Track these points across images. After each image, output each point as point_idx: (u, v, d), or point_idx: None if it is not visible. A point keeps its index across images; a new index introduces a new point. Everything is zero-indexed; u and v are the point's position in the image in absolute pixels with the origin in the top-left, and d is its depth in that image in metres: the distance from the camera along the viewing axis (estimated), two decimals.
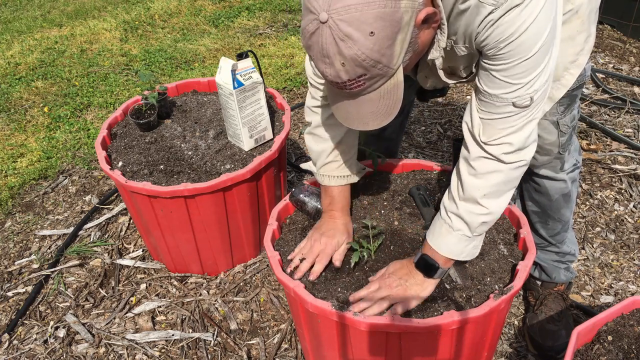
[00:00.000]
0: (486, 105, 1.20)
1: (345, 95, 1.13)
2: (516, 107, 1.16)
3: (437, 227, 1.37)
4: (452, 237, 1.33)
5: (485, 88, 1.18)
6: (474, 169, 1.26)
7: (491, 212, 1.29)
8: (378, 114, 1.13)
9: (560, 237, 1.81)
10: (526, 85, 1.13)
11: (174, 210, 1.93)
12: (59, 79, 3.76)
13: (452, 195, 1.33)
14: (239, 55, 1.91)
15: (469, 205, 1.29)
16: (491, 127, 1.21)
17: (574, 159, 1.67)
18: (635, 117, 2.95)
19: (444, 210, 1.35)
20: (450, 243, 1.33)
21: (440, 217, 1.36)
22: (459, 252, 1.34)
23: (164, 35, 4.40)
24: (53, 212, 2.62)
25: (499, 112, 1.19)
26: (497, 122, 1.20)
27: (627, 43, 3.68)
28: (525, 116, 1.19)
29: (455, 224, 1.32)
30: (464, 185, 1.28)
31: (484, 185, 1.26)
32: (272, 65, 3.73)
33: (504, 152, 1.22)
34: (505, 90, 1.15)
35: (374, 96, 1.10)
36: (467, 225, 1.31)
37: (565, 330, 1.80)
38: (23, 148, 3.05)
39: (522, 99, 1.15)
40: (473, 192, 1.27)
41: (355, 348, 1.40)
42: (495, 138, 1.21)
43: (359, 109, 1.13)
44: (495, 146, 1.22)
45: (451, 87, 3.39)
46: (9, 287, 2.23)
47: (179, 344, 1.95)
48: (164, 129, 2.17)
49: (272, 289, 2.14)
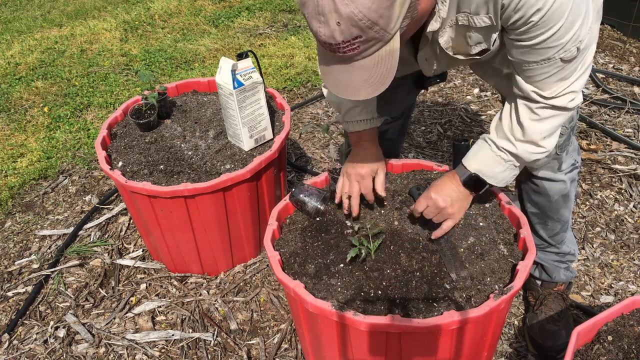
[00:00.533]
0: (533, 71, 1.21)
1: (337, 60, 1.08)
2: (564, 61, 1.18)
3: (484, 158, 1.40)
4: (501, 166, 1.39)
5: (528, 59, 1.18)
6: (538, 115, 1.29)
7: (548, 149, 1.35)
8: (371, 82, 1.10)
9: (559, 238, 1.81)
10: (570, 40, 1.14)
11: (174, 210, 1.93)
12: (59, 79, 3.76)
13: (506, 135, 1.36)
14: (239, 55, 1.91)
15: (529, 146, 1.34)
16: (549, 84, 1.23)
17: (573, 159, 1.67)
18: (635, 117, 2.95)
19: (494, 145, 1.38)
20: (498, 171, 1.40)
21: (489, 150, 1.39)
22: (502, 178, 1.41)
23: (164, 35, 4.40)
24: (53, 212, 2.62)
25: (550, 71, 1.20)
26: (554, 76, 1.22)
27: (627, 43, 3.68)
28: (578, 63, 1.21)
29: (508, 157, 1.37)
30: (525, 129, 1.31)
31: (547, 128, 1.30)
32: (272, 65, 3.73)
33: (570, 100, 1.26)
34: (551, 53, 1.16)
35: (368, 62, 1.06)
36: (521, 160, 1.37)
37: (565, 330, 1.80)
38: (23, 148, 3.05)
39: (569, 52, 1.16)
40: (535, 135, 1.31)
41: (355, 348, 1.40)
42: (559, 91, 1.24)
43: (351, 76, 1.09)
44: (561, 97, 1.25)
45: (453, 73, 3.40)
46: (9, 287, 2.23)
47: (179, 344, 1.95)
48: (164, 129, 2.17)
49: (272, 289, 2.14)
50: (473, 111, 3.16)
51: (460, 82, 3.45)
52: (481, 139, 1.43)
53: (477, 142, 1.45)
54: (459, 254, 1.48)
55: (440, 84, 1.59)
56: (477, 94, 3.32)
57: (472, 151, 1.45)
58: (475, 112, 3.14)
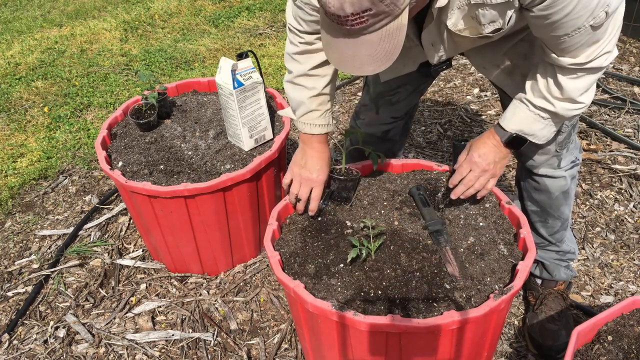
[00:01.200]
0: (565, 43, 1.21)
1: (344, 33, 1.07)
2: (594, 27, 1.18)
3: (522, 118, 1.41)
4: (540, 124, 1.40)
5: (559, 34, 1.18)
6: (575, 74, 1.29)
7: (586, 104, 1.36)
8: (376, 57, 1.08)
9: (559, 236, 1.81)
10: (598, 5, 1.13)
11: (174, 210, 1.93)
12: (59, 79, 3.76)
13: (542, 94, 1.36)
14: (239, 55, 1.91)
15: (567, 104, 1.34)
16: (583, 50, 1.23)
17: (573, 156, 1.67)
18: (635, 117, 2.95)
19: (532, 105, 1.39)
20: (538, 128, 1.41)
21: (527, 110, 1.40)
22: (542, 135, 1.43)
23: (164, 35, 4.40)
24: (53, 212, 2.62)
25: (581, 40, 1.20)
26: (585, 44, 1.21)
27: (627, 43, 3.68)
28: (609, 26, 1.21)
29: (546, 116, 1.38)
30: (563, 88, 1.32)
31: (584, 85, 1.31)
32: (272, 65, 3.73)
33: (607, 60, 1.27)
34: (579, 23, 1.15)
35: (374, 37, 1.05)
36: (559, 117, 1.38)
37: (565, 329, 1.80)
38: (23, 148, 3.05)
39: (598, 18, 1.16)
40: (573, 93, 1.32)
41: (355, 348, 1.40)
42: (595, 55, 1.24)
43: (357, 50, 1.08)
44: (597, 60, 1.26)
45: (453, 73, 3.40)
46: (9, 287, 2.23)
47: (179, 344, 1.95)
48: (164, 129, 2.17)
49: (272, 289, 2.14)
50: (473, 111, 3.16)
51: (460, 82, 3.45)
52: (516, 99, 1.44)
53: (512, 103, 1.45)
54: (459, 254, 1.48)
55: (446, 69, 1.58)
56: (477, 94, 3.32)
57: (508, 111, 1.45)
58: (475, 112, 3.15)
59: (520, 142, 1.46)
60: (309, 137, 1.59)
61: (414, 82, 1.78)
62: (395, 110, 1.86)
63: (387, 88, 1.79)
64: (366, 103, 1.87)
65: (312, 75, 1.52)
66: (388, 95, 1.80)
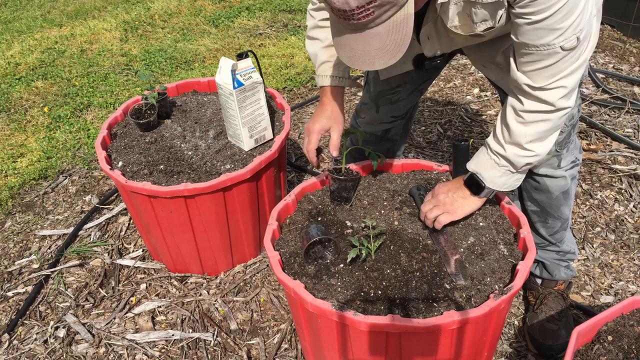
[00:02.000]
0: (531, 56, 1.20)
1: (350, 29, 1.07)
2: (564, 50, 1.16)
3: (481, 161, 1.42)
4: (496, 171, 1.40)
5: (528, 41, 1.17)
6: (523, 118, 1.29)
7: (537, 154, 1.35)
8: (385, 50, 1.07)
9: (559, 236, 1.81)
10: (571, 26, 1.13)
11: (174, 210, 1.93)
12: (59, 79, 3.76)
13: (497, 138, 1.37)
14: (239, 55, 1.91)
15: (515, 149, 1.34)
16: (543, 75, 1.22)
17: (574, 156, 1.67)
18: (635, 117, 2.95)
19: (489, 150, 1.40)
20: (495, 176, 1.41)
21: (486, 153, 1.41)
22: (501, 183, 1.42)
23: (164, 35, 4.40)
24: (53, 212, 2.62)
25: (547, 60, 1.19)
26: (548, 69, 1.20)
27: (627, 43, 3.68)
28: (575, 57, 1.19)
29: (501, 162, 1.38)
30: (510, 131, 1.32)
31: (531, 132, 1.31)
32: (272, 65, 3.73)
33: (560, 97, 1.24)
34: (551, 37, 1.15)
35: (382, 29, 1.05)
36: (512, 164, 1.37)
37: (565, 329, 1.80)
38: (23, 148, 3.05)
39: (570, 41, 1.15)
40: (519, 138, 1.32)
41: (355, 348, 1.40)
42: (549, 82, 1.22)
43: (366, 44, 1.07)
44: (550, 91, 1.24)
45: (452, 73, 3.40)
46: (9, 287, 2.23)
47: (179, 344, 1.95)
48: (164, 129, 2.17)
49: (272, 289, 2.14)
50: (473, 111, 3.16)
51: (460, 82, 3.45)
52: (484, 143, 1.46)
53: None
54: (459, 254, 1.48)
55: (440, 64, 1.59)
56: (477, 94, 3.32)
57: (476, 153, 1.48)
58: (475, 112, 3.15)
59: (478, 185, 1.44)
60: (322, 91, 1.64)
61: (414, 81, 1.78)
62: (396, 110, 1.87)
63: (387, 87, 1.79)
64: (366, 102, 1.88)
65: (323, 26, 1.55)
66: (388, 94, 1.81)
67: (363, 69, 1.13)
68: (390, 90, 1.79)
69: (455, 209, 1.47)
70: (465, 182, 1.47)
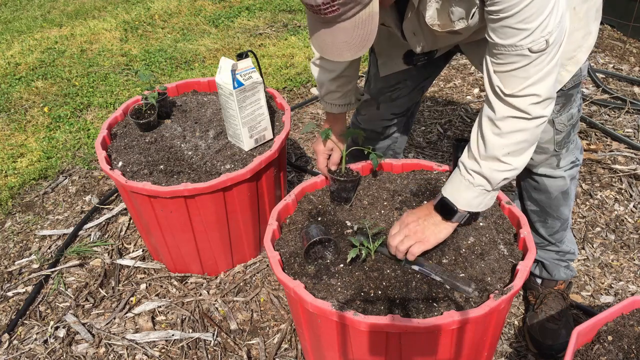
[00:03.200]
0: (502, 57, 1.20)
1: (321, 22, 1.13)
2: (533, 52, 1.16)
3: (455, 183, 1.38)
4: (471, 192, 1.36)
5: (498, 40, 1.18)
6: (499, 128, 1.27)
7: (514, 167, 1.32)
8: (352, 44, 1.14)
9: (559, 236, 1.81)
10: (539, 28, 1.13)
11: (174, 210, 1.93)
12: (59, 79, 3.76)
13: (472, 154, 1.34)
14: (239, 55, 1.91)
15: (492, 163, 1.31)
16: (513, 79, 1.21)
17: (574, 156, 1.67)
18: (635, 117, 2.95)
19: (464, 168, 1.36)
20: (470, 197, 1.37)
21: (460, 174, 1.37)
22: (477, 204, 1.38)
23: (164, 35, 4.40)
24: (53, 212, 2.62)
25: (517, 62, 1.19)
26: (517, 72, 1.20)
27: (627, 43, 3.68)
28: (545, 61, 1.18)
29: (476, 181, 1.34)
30: (486, 144, 1.30)
31: (508, 143, 1.28)
32: (272, 65, 3.73)
33: (531, 103, 1.22)
34: (518, 38, 1.15)
35: (348, 25, 1.11)
36: (488, 182, 1.34)
37: (565, 329, 1.80)
38: (23, 148, 3.05)
39: (538, 43, 1.15)
40: (495, 151, 1.29)
41: (355, 348, 1.40)
42: (520, 89, 1.21)
43: (334, 38, 1.14)
44: (522, 98, 1.22)
45: (453, 73, 3.40)
46: (9, 287, 2.23)
47: (179, 344, 1.95)
48: (164, 129, 2.17)
49: (272, 289, 2.14)
50: (473, 111, 3.16)
51: (460, 82, 3.45)
52: (458, 163, 1.41)
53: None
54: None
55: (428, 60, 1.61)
56: (477, 94, 3.32)
57: (449, 178, 1.42)
58: (475, 112, 3.15)
59: (449, 209, 1.39)
60: (328, 114, 1.75)
61: (414, 78, 1.78)
62: (396, 107, 1.87)
63: (387, 84, 1.80)
64: (367, 99, 1.88)
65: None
66: (388, 91, 1.81)
67: (332, 59, 1.20)
68: (390, 87, 1.80)
69: (427, 237, 1.40)
70: (436, 207, 1.41)
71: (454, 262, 1.47)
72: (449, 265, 1.46)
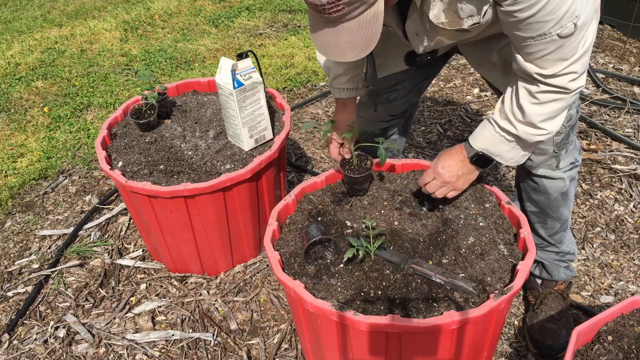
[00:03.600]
0: (530, 47, 1.22)
1: (325, 22, 1.12)
2: (562, 37, 1.18)
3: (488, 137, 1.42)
4: (506, 145, 1.41)
5: (523, 34, 1.19)
6: (537, 99, 1.31)
7: (549, 132, 1.37)
8: (355, 44, 1.13)
9: (559, 237, 1.81)
10: (566, 15, 1.14)
11: (174, 210, 1.93)
12: (59, 79, 3.76)
13: (507, 117, 1.37)
14: (239, 55, 1.91)
15: (528, 128, 1.35)
16: (549, 62, 1.23)
17: (573, 157, 1.67)
18: (635, 117, 2.95)
19: (496, 127, 1.40)
20: (504, 150, 1.42)
21: (493, 130, 1.41)
22: (509, 158, 1.44)
23: (164, 35, 4.40)
24: (53, 212, 2.62)
25: (547, 48, 1.20)
26: (553, 54, 1.22)
27: (627, 43, 3.68)
28: (576, 42, 1.20)
29: (510, 138, 1.39)
30: (524, 112, 1.33)
31: (546, 112, 1.32)
32: (272, 65, 3.73)
33: (570, 80, 1.26)
34: (546, 28, 1.16)
35: (353, 25, 1.10)
36: (522, 142, 1.40)
37: (565, 329, 1.80)
38: (23, 148, 3.05)
39: (566, 28, 1.16)
40: (534, 118, 1.33)
41: (355, 348, 1.40)
42: (559, 70, 1.24)
43: (338, 38, 1.13)
44: (562, 77, 1.26)
45: (453, 73, 3.40)
46: (9, 287, 2.23)
47: (179, 344, 1.95)
48: (164, 129, 2.17)
49: (272, 289, 2.14)
50: (473, 111, 3.16)
51: (460, 82, 3.45)
52: (486, 119, 1.46)
53: (483, 121, 1.47)
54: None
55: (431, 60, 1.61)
56: (477, 94, 3.32)
57: (477, 129, 1.47)
58: (475, 112, 3.15)
59: (487, 161, 1.47)
60: (338, 101, 1.73)
61: (412, 80, 1.78)
62: (393, 108, 1.87)
63: (384, 85, 1.79)
64: (364, 100, 1.88)
65: None
66: (385, 92, 1.81)
67: (335, 59, 1.19)
68: (388, 88, 1.80)
69: (462, 186, 1.52)
70: (472, 159, 1.48)
71: (454, 262, 1.47)
72: (449, 265, 1.46)
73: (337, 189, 1.75)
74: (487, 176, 2.64)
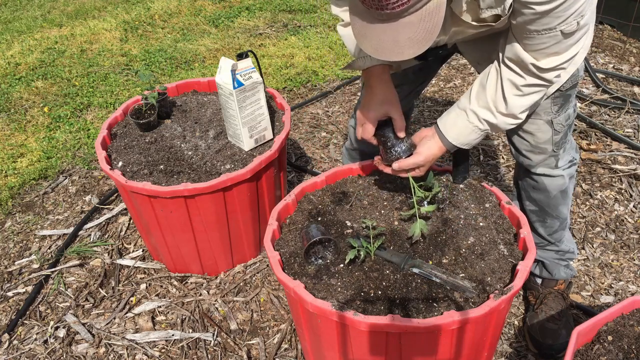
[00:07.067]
0: (533, 39, 1.23)
1: (382, 19, 1.06)
2: (564, 33, 1.20)
3: (461, 127, 1.44)
4: (475, 134, 1.45)
5: (531, 27, 1.20)
6: (521, 91, 1.34)
7: (522, 119, 1.42)
8: (415, 39, 1.07)
9: (558, 236, 1.81)
10: (574, 13, 1.16)
11: (174, 210, 1.93)
12: (59, 79, 3.76)
13: (488, 106, 1.39)
14: (239, 55, 1.91)
15: (508, 118, 1.40)
16: (545, 55, 1.26)
17: (570, 155, 1.67)
18: (635, 117, 2.95)
19: (474, 115, 1.41)
20: (472, 139, 1.46)
21: (467, 120, 1.43)
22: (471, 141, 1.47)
23: (164, 35, 4.40)
24: (53, 212, 2.62)
25: (547, 42, 1.23)
26: (549, 49, 1.24)
27: (627, 43, 3.68)
28: (575, 38, 1.23)
29: (484, 127, 1.43)
30: (508, 104, 1.36)
31: (527, 103, 1.36)
32: (272, 65, 3.73)
33: (557, 76, 1.31)
34: (554, 24, 1.18)
35: (414, 18, 1.04)
36: (495, 129, 1.44)
37: (565, 329, 1.80)
38: (23, 148, 3.05)
39: (570, 25, 1.18)
40: (515, 109, 1.37)
41: (355, 348, 1.40)
42: (553, 65, 1.27)
43: (397, 34, 1.07)
44: (552, 72, 1.29)
45: (452, 73, 3.40)
46: (9, 287, 2.23)
47: (179, 344, 1.95)
48: (164, 129, 2.17)
49: (272, 289, 2.14)
50: None
51: (460, 82, 3.45)
52: (460, 109, 1.45)
53: (454, 110, 1.47)
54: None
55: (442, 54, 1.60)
56: None
57: (450, 118, 1.47)
58: None
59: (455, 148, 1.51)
60: (367, 75, 1.54)
61: (410, 83, 1.78)
62: None
63: None
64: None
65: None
66: None
67: (391, 59, 1.11)
68: None
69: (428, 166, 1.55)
70: (449, 149, 1.50)
71: (454, 262, 1.47)
72: (449, 265, 1.46)
73: (337, 189, 1.75)
74: (487, 176, 2.64)
